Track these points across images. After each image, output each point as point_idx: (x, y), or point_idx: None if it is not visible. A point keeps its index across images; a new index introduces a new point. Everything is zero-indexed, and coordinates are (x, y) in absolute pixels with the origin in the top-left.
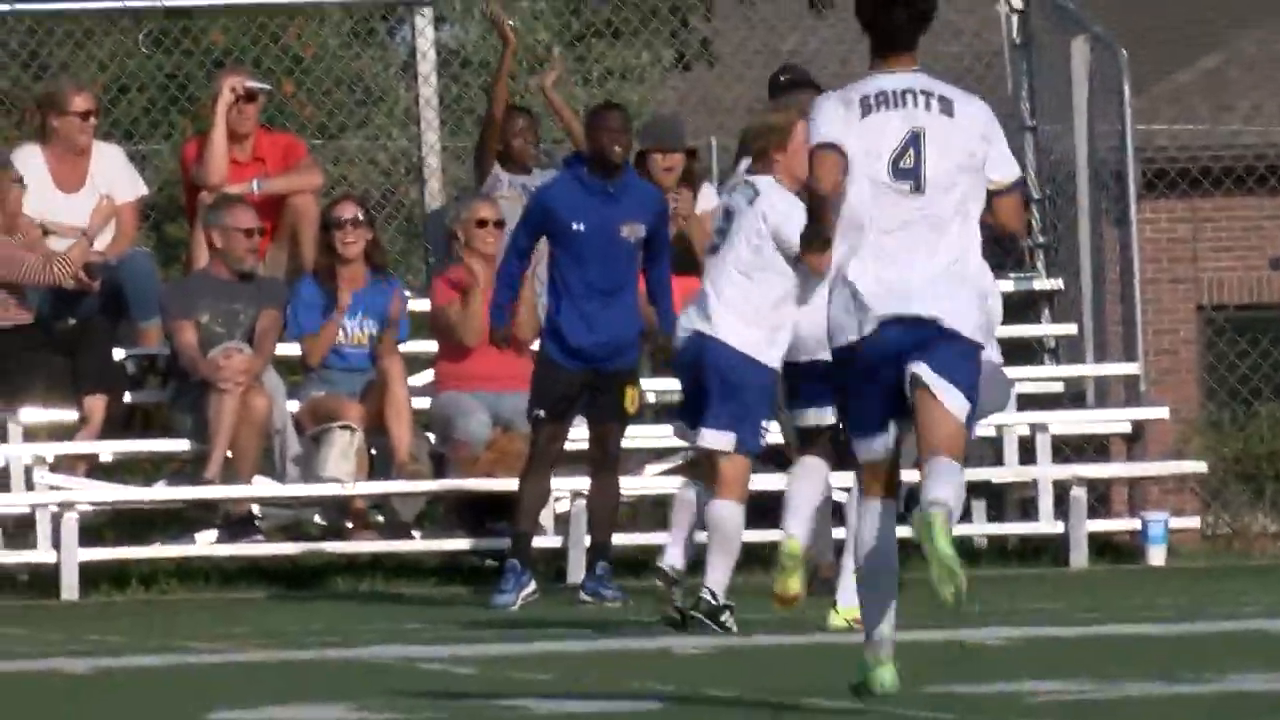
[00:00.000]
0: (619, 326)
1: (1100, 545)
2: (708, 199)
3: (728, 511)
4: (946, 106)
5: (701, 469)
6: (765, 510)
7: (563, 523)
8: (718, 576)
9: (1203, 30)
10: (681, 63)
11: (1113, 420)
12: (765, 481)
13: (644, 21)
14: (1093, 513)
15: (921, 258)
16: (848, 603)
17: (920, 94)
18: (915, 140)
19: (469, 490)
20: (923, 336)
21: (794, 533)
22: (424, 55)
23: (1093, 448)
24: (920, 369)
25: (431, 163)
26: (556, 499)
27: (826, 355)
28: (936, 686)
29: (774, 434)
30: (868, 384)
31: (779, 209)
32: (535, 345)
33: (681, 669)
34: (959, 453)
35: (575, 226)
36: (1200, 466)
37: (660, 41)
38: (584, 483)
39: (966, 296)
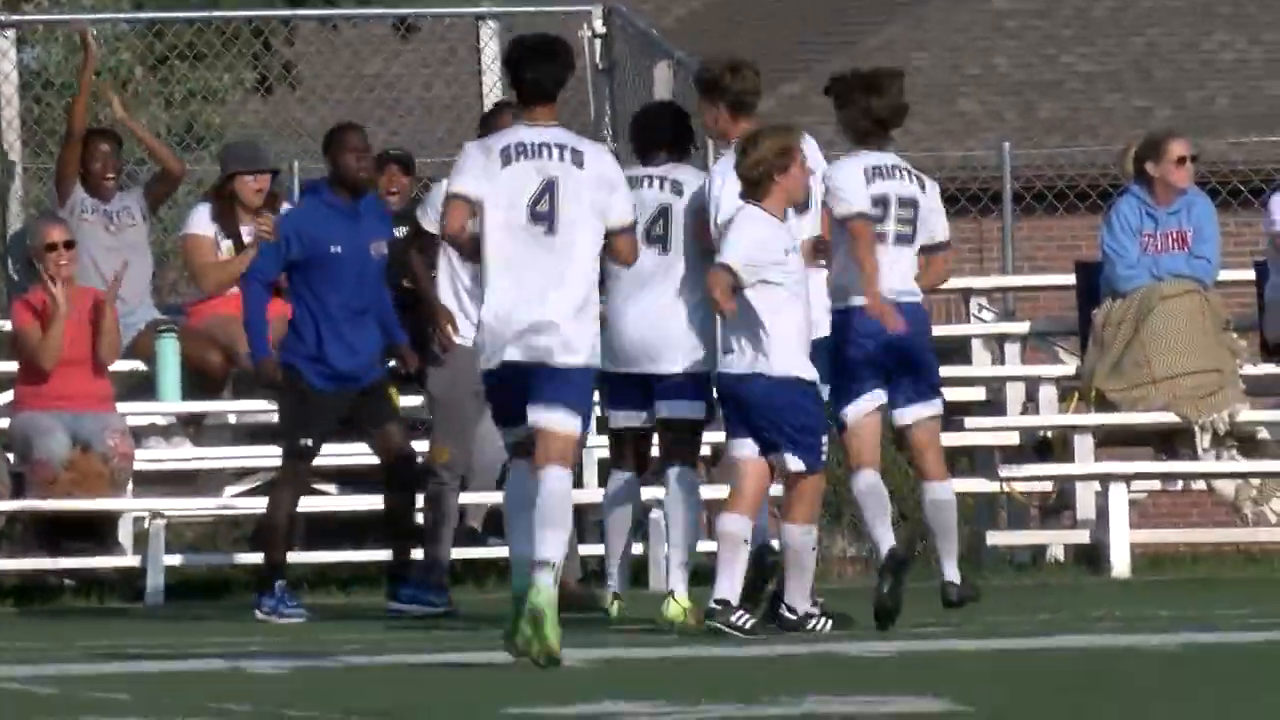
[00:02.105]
0: (373, 343)
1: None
2: None
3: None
4: (578, 158)
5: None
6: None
7: (140, 543)
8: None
9: (784, 57)
10: (264, 86)
11: None
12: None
13: (226, 44)
14: None
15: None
16: (681, 592)
17: (555, 146)
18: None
19: (47, 510)
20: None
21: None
22: (6, 77)
23: None
24: None
25: (14, 185)
26: (136, 518)
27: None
28: (518, 707)
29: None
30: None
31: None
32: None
33: (263, 688)
34: None
35: (334, 250)
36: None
37: (242, 64)
38: (161, 503)
39: None
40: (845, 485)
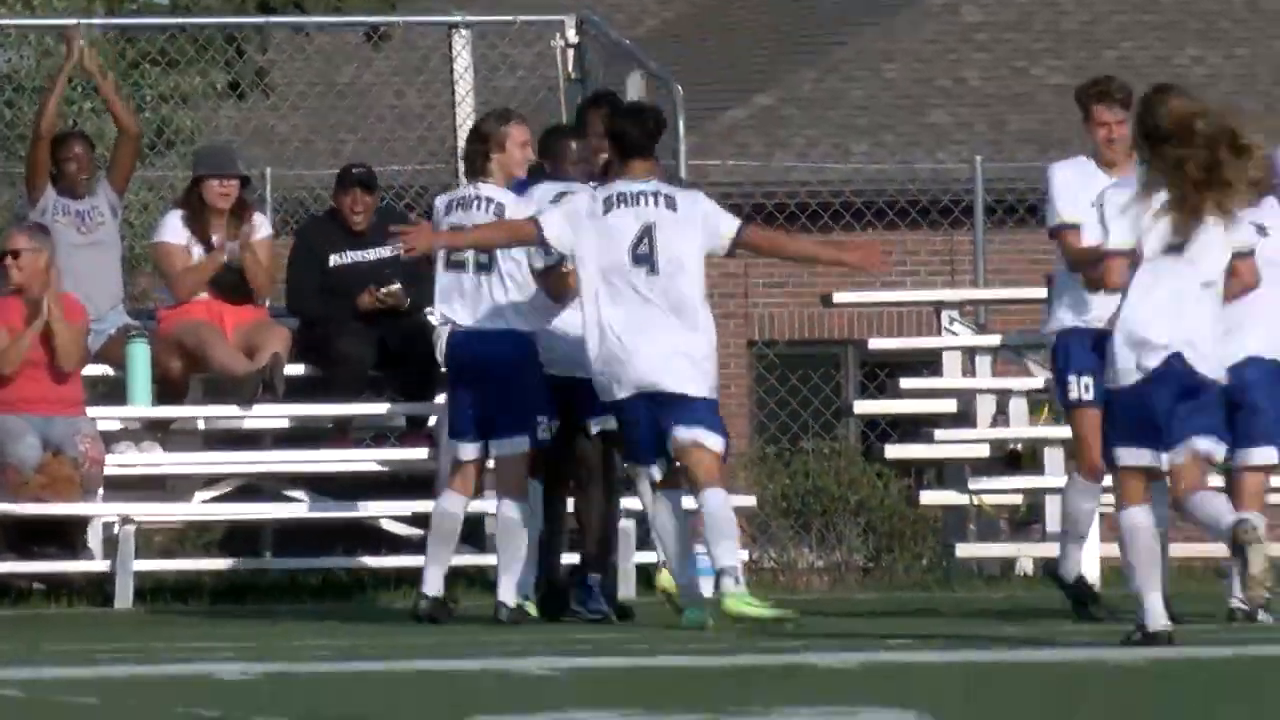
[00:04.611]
0: None
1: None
2: (263, 227)
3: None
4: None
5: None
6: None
7: (110, 548)
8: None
9: (757, 69)
10: (236, 92)
11: None
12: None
13: (199, 51)
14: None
15: None
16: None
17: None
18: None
19: (17, 514)
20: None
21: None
22: None
23: None
24: None
25: None
26: (105, 523)
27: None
28: (485, 715)
29: None
30: None
31: None
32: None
33: (232, 693)
34: None
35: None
36: (749, 500)
37: (215, 70)
38: (133, 508)
39: None
40: (815, 496)
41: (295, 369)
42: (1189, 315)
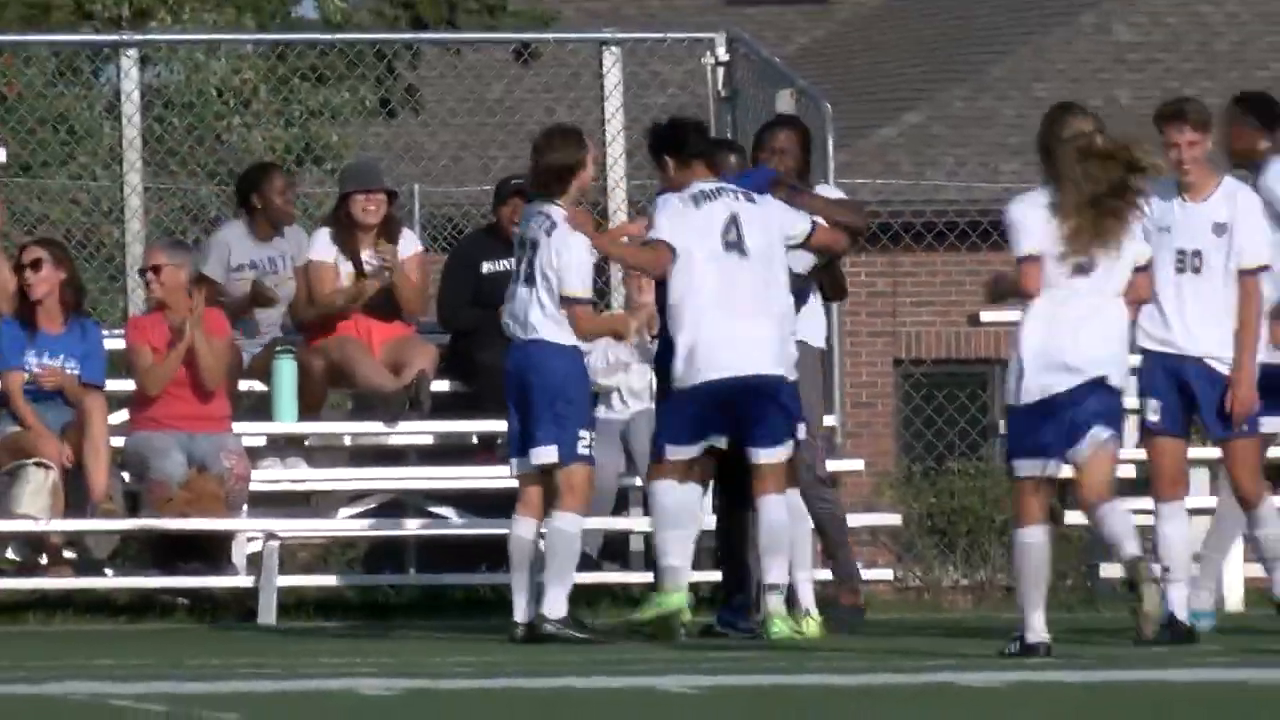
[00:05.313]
0: None
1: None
2: (412, 244)
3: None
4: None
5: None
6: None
7: (254, 563)
8: None
9: (907, 86)
10: (386, 109)
11: None
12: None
13: (350, 67)
14: None
15: None
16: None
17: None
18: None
19: (162, 529)
20: None
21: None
22: (128, 96)
23: None
24: None
25: (134, 203)
26: (250, 539)
27: None
28: None
29: None
30: None
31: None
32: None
33: (374, 709)
34: None
35: None
36: (894, 519)
37: (366, 87)
38: (277, 524)
39: None
40: (960, 515)
41: (441, 385)
42: (1099, 337)
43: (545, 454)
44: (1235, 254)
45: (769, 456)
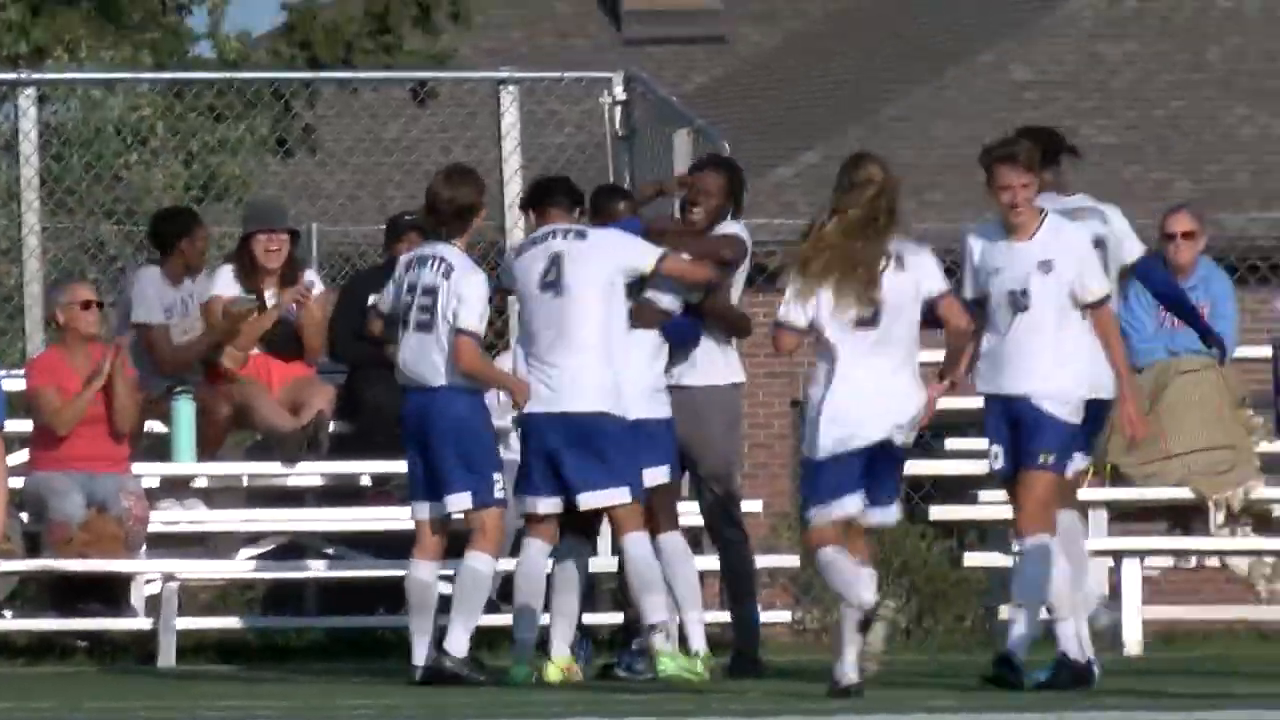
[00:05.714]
0: None
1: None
2: (316, 284)
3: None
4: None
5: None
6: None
7: (154, 605)
8: None
9: (805, 126)
10: (284, 148)
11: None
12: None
13: (247, 106)
14: None
15: None
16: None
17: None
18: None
19: (61, 570)
20: None
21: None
22: (25, 135)
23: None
24: None
25: (31, 243)
26: (148, 580)
27: None
28: None
29: None
30: None
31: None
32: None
33: None
34: None
35: None
36: (792, 560)
37: (263, 122)
38: (176, 565)
39: None
40: None
41: (334, 425)
42: (891, 394)
43: (459, 501)
44: (1069, 290)
45: (592, 501)
